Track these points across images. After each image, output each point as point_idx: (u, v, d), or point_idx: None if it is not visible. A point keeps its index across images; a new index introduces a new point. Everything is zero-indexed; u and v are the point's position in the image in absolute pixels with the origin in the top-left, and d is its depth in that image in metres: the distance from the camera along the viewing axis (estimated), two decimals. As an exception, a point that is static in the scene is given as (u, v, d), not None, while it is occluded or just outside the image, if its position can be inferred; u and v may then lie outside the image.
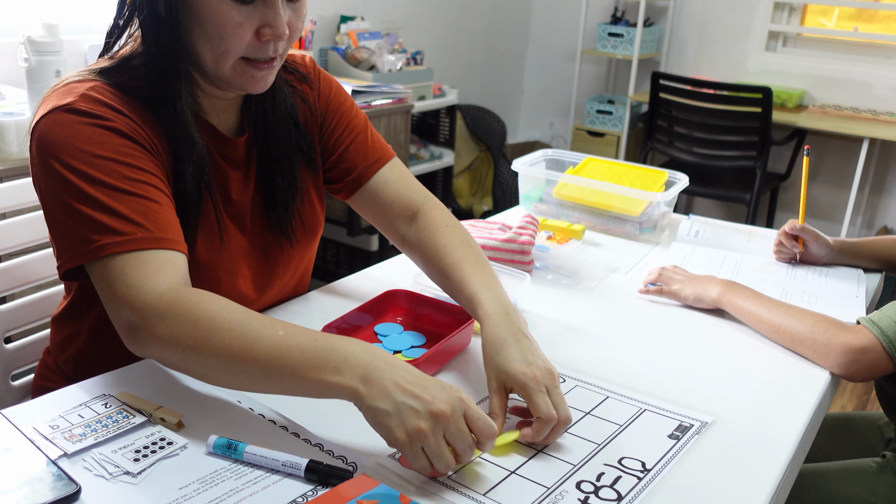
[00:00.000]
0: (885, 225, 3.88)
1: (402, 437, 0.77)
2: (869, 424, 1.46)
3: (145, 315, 0.84)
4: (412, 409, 0.77)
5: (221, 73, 0.96)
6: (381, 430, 0.79)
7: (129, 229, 0.87)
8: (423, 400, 0.77)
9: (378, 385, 0.79)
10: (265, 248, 1.11)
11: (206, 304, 0.85)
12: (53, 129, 0.90)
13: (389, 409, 0.77)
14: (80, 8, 2.37)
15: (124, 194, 0.89)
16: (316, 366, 0.81)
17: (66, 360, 1.13)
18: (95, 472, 0.77)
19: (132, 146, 0.92)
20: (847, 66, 3.81)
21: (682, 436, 0.90)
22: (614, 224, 1.61)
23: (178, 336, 0.83)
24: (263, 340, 0.82)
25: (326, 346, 0.82)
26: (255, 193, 1.10)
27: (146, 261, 0.86)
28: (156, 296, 0.84)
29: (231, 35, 0.92)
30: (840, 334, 1.07)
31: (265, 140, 1.08)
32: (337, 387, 0.80)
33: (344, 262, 3.22)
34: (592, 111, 4.23)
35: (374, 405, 0.78)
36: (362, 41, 3.19)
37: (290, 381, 0.82)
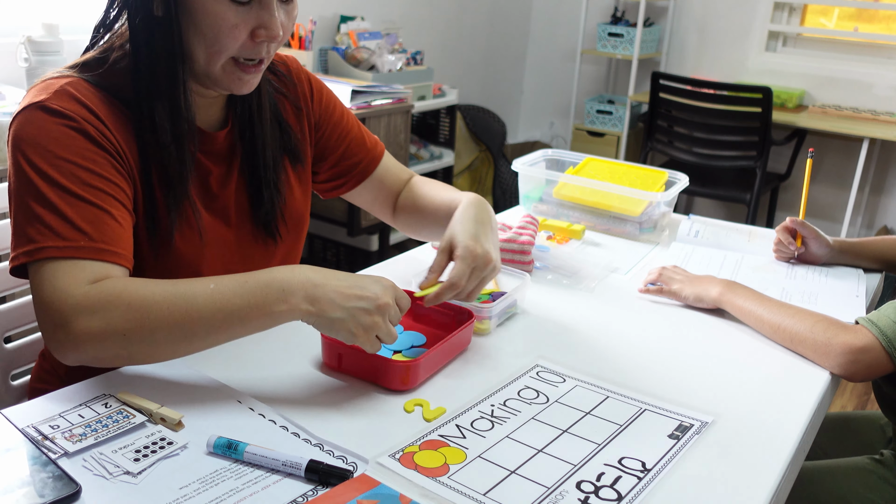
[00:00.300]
0: (885, 225, 3.88)
1: (360, 333, 0.90)
2: (870, 424, 1.46)
3: (73, 314, 0.84)
4: (362, 309, 0.90)
5: (211, 72, 0.98)
6: (339, 334, 0.91)
7: (72, 235, 0.88)
8: (368, 298, 0.91)
9: (324, 299, 0.89)
10: (251, 243, 1.12)
11: (131, 287, 0.87)
12: (25, 126, 0.92)
13: (343, 316, 0.89)
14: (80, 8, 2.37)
15: (78, 200, 0.90)
16: (258, 304, 0.88)
17: (59, 363, 1.12)
18: (95, 472, 0.77)
19: (97, 151, 0.93)
20: (847, 66, 3.81)
21: (682, 436, 0.90)
22: (614, 224, 1.61)
23: (114, 324, 0.85)
24: (200, 299, 0.87)
25: (260, 282, 0.89)
26: (239, 188, 1.10)
27: (81, 269, 0.87)
28: (81, 295, 0.85)
29: (227, 35, 0.94)
30: (840, 334, 1.07)
31: (251, 136, 1.10)
32: (287, 313, 0.89)
33: (344, 262, 3.22)
34: (592, 111, 4.23)
35: (329, 316, 0.89)
36: (362, 41, 3.19)
37: (238, 325, 0.88)
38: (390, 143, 2.84)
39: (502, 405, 0.95)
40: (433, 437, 0.87)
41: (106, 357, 0.87)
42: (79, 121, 0.92)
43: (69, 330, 0.84)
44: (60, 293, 0.85)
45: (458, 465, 0.82)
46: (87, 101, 0.94)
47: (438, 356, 1.01)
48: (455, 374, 1.02)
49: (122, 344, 0.85)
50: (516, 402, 0.96)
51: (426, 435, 0.87)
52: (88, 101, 0.94)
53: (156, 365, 0.97)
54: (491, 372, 1.03)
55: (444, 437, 0.87)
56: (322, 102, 1.22)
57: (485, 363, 1.06)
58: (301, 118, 1.18)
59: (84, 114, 0.93)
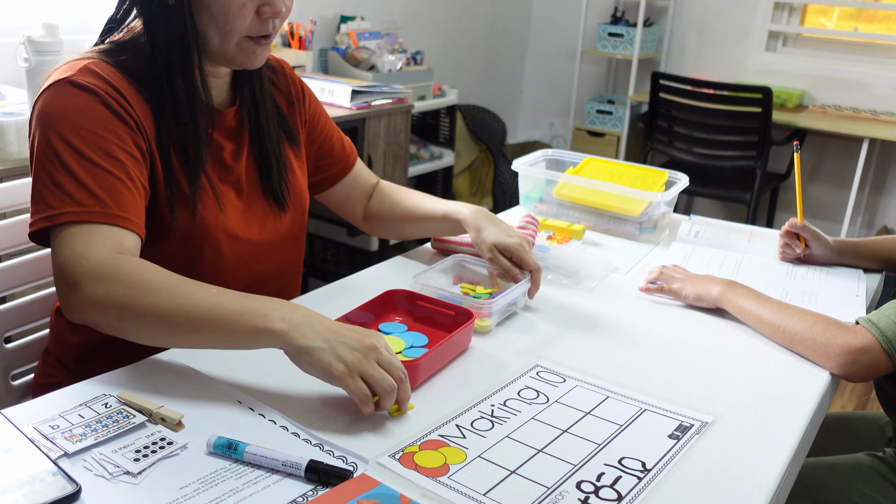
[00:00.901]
0: (885, 225, 3.88)
1: (340, 368, 0.85)
2: (869, 424, 1.46)
3: (84, 278, 0.90)
4: (345, 343, 0.86)
5: (227, 50, 1.04)
6: (315, 367, 0.86)
7: (89, 202, 0.94)
8: (352, 336, 0.87)
9: (306, 328, 0.87)
10: (262, 214, 1.18)
11: (143, 268, 0.91)
12: (51, 100, 0.98)
13: (324, 346, 0.86)
14: (80, 8, 2.37)
15: (97, 167, 0.95)
16: (246, 315, 0.88)
17: (68, 352, 1.15)
18: (95, 472, 0.77)
19: (118, 123, 0.99)
20: (847, 66, 3.81)
21: (682, 436, 0.90)
22: (614, 224, 1.61)
23: (114, 296, 0.89)
24: (197, 296, 0.89)
25: (256, 300, 0.90)
26: (249, 163, 1.17)
27: (97, 233, 0.93)
28: (96, 261, 0.91)
29: (235, 15, 1.01)
30: (839, 334, 1.07)
31: (256, 114, 1.17)
32: (267, 331, 0.87)
33: (344, 262, 3.22)
34: (592, 111, 4.23)
35: (305, 344, 0.86)
36: (362, 41, 3.19)
37: (222, 331, 0.89)
38: (390, 143, 2.84)
39: (502, 405, 0.95)
40: (433, 436, 0.87)
41: (102, 324, 0.92)
42: (102, 94, 0.99)
43: (78, 291, 0.90)
44: (77, 256, 0.91)
45: (458, 465, 0.82)
46: (109, 78, 1.01)
47: (438, 356, 1.01)
48: (455, 373, 1.02)
49: (117, 316, 0.90)
50: (516, 402, 0.96)
51: (426, 435, 0.87)
52: (111, 78, 1.01)
53: (156, 365, 0.97)
54: (491, 372, 1.03)
55: (444, 437, 0.87)
56: (311, 105, 1.30)
57: (485, 363, 1.06)
58: (293, 111, 1.26)
59: (107, 88, 0.99)
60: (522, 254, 1.20)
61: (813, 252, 1.43)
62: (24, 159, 1.80)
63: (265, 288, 1.19)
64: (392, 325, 1.12)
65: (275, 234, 1.20)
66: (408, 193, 1.38)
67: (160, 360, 0.99)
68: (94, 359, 1.08)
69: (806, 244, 1.43)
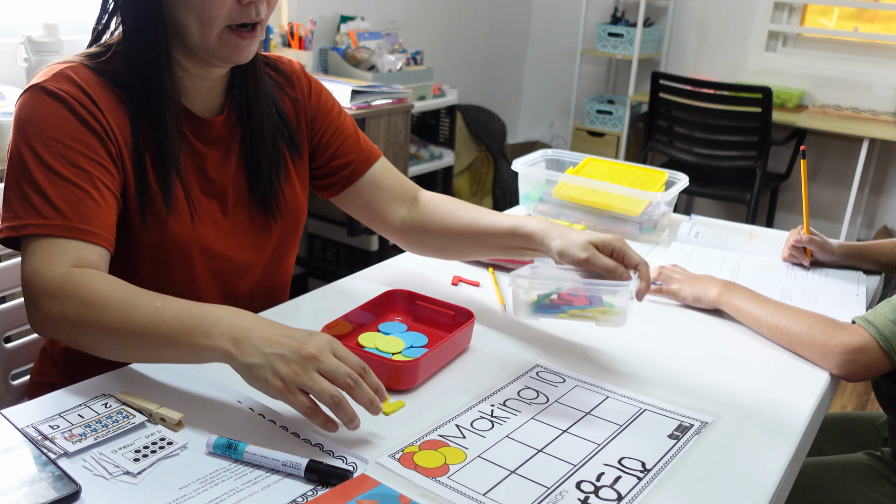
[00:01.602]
0: (885, 225, 3.88)
1: (277, 384, 0.82)
2: (866, 424, 1.46)
3: (40, 294, 0.90)
4: (281, 356, 0.82)
5: (208, 43, 1.00)
6: (258, 384, 0.84)
7: (50, 214, 0.93)
8: (290, 346, 0.83)
9: (246, 343, 0.84)
10: (247, 228, 1.14)
11: (93, 282, 0.90)
12: (23, 106, 0.98)
13: (261, 362, 0.83)
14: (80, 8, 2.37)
15: (61, 179, 0.94)
16: (188, 331, 0.86)
17: (57, 353, 1.15)
18: (95, 472, 0.77)
19: (86, 133, 0.97)
20: (847, 66, 3.81)
21: (681, 436, 0.90)
22: (614, 224, 1.61)
23: (66, 313, 0.89)
24: (141, 312, 0.87)
25: (198, 313, 0.87)
26: (238, 174, 1.13)
27: (55, 247, 0.92)
28: (50, 277, 0.90)
29: (213, 2, 0.96)
30: (837, 334, 1.07)
31: (249, 118, 1.12)
32: (209, 349, 0.85)
33: (344, 262, 3.22)
34: (592, 111, 4.23)
35: (245, 361, 0.83)
36: (362, 41, 3.19)
37: (167, 348, 0.87)
38: (390, 144, 2.84)
39: (502, 405, 0.95)
40: (433, 437, 0.87)
41: (61, 340, 0.95)
42: (71, 102, 0.97)
43: (36, 308, 0.91)
44: (35, 273, 0.91)
45: (457, 465, 0.82)
46: (83, 85, 0.99)
47: (438, 356, 1.01)
48: (455, 373, 1.02)
49: (72, 333, 0.90)
50: (516, 402, 0.96)
51: (426, 435, 0.87)
52: (86, 84, 0.99)
53: (156, 365, 0.97)
54: (491, 372, 1.03)
55: (443, 437, 0.87)
56: (320, 99, 1.23)
57: (485, 363, 1.06)
58: (298, 113, 1.20)
59: (79, 96, 0.98)
60: (624, 247, 1.05)
61: (819, 259, 1.43)
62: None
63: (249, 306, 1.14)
64: (392, 325, 1.12)
65: (259, 249, 1.15)
66: (461, 205, 1.23)
67: (160, 360, 0.99)
68: (81, 362, 1.07)
69: (812, 254, 1.43)
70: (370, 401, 0.83)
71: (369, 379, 0.85)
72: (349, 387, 0.82)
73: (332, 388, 0.81)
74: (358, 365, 0.85)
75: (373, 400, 0.83)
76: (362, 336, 1.07)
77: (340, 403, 0.81)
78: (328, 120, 1.23)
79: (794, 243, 1.42)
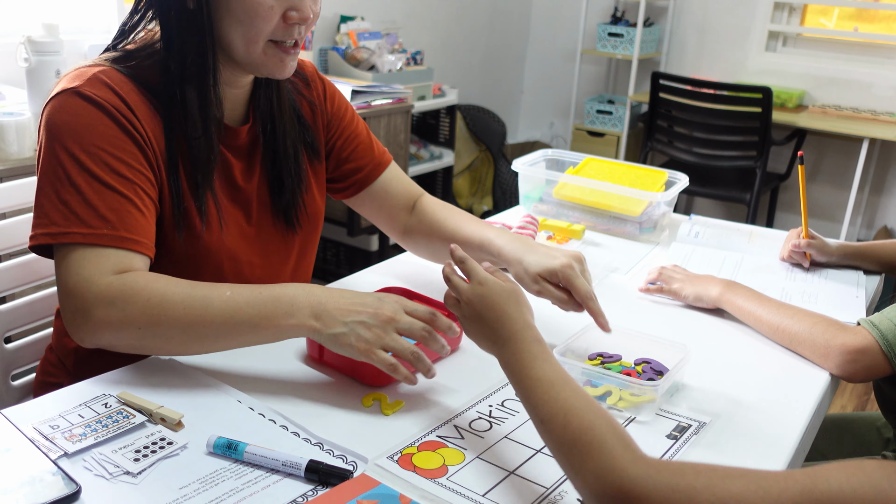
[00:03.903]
0: (885, 225, 3.88)
1: (363, 347, 0.90)
2: (868, 425, 1.46)
3: (94, 303, 0.89)
4: (361, 322, 0.91)
5: (253, 57, 1.01)
6: (343, 349, 0.91)
7: (96, 223, 0.92)
8: (367, 313, 0.91)
9: (327, 315, 0.91)
10: (270, 235, 1.15)
11: (152, 283, 0.91)
12: (59, 112, 0.96)
13: (345, 331, 0.91)
14: (80, 8, 2.37)
15: (105, 187, 0.94)
16: (268, 315, 0.91)
17: (67, 354, 1.15)
18: (95, 472, 0.77)
19: (126, 140, 0.96)
20: (847, 66, 3.81)
21: (680, 436, 0.90)
22: (614, 224, 1.61)
23: (132, 317, 0.89)
24: (216, 303, 0.91)
25: (272, 295, 0.92)
26: (261, 182, 1.14)
27: (105, 257, 0.92)
28: (104, 285, 0.90)
29: (262, 18, 0.98)
30: (839, 335, 1.07)
31: (272, 129, 1.13)
32: (294, 327, 0.92)
33: (344, 262, 3.22)
34: (592, 111, 4.23)
35: (331, 332, 0.91)
36: (362, 41, 3.19)
37: (249, 333, 0.92)
38: (390, 143, 2.84)
39: (500, 405, 0.95)
40: (431, 438, 0.87)
41: (121, 346, 0.93)
42: (110, 109, 0.96)
43: (89, 317, 0.89)
44: (84, 281, 0.90)
45: (456, 465, 0.83)
46: (118, 90, 0.98)
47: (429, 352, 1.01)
48: (453, 374, 1.02)
49: (137, 336, 0.90)
50: (514, 403, 0.96)
51: (424, 436, 0.88)
52: (120, 89, 0.98)
53: (156, 365, 0.98)
54: (489, 372, 1.03)
55: (442, 438, 0.87)
56: (335, 104, 1.24)
57: (483, 363, 1.05)
58: (315, 116, 1.21)
59: (115, 101, 0.97)
60: (571, 277, 1.04)
61: (817, 260, 1.43)
62: (25, 159, 1.80)
63: None
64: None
65: (282, 256, 1.17)
66: (449, 213, 1.26)
67: (160, 360, 0.99)
68: (91, 362, 1.06)
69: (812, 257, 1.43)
70: (440, 348, 0.94)
71: (440, 322, 0.94)
72: (424, 339, 0.92)
73: (411, 346, 0.91)
74: (428, 313, 0.94)
75: (443, 345, 0.94)
76: None
77: (420, 358, 0.91)
78: (342, 125, 1.24)
79: (794, 248, 1.42)
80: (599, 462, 0.66)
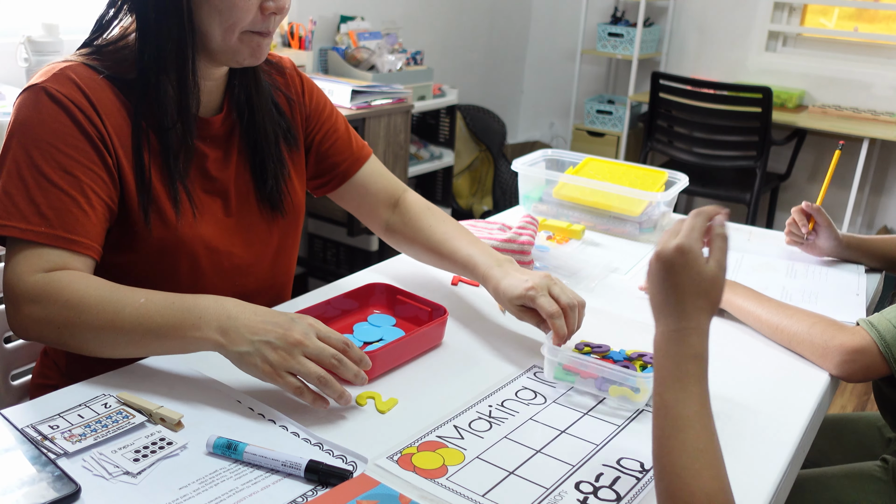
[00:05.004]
0: (885, 225, 3.88)
1: (267, 369, 0.87)
2: (868, 425, 1.46)
3: (21, 300, 0.92)
4: (268, 343, 0.87)
5: (229, 45, 1.02)
6: (247, 369, 0.89)
7: (35, 220, 0.94)
8: (275, 333, 0.88)
9: (234, 332, 0.88)
10: (251, 223, 1.15)
11: (74, 284, 0.92)
12: (22, 107, 0.98)
13: (250, 350, 0.87)
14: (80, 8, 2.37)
15: (51, 185, 0.95)
16: (175, 325, 0.89)
17: (59, 355, 1.15)
18: (95, 472, 0.78)
19: (82, 139, 0.97)
20: (847, 66, 3.81)
21: (681, 436, 0.90)
22: (614, 224, 1.61)
23: (51, 316, 0.91)
24: (127, 310, 0.90)
25: (183, 306, 0.91)
26: (239, 171, 1.14)
27: (39, 255, 0.93)
28: (31, 283, 0.92)
29: (240, 8, 0.98)
30: (837, 335, 1.07)
31: (251, 116, 1.13)
32: (199, 340, 0.89)
33: (344, 262, 3.22)
34: (592, 111, 4.23)
35: (236, 350, 0.88)
36: (362, 41, 3.19)
37: (156, 342, 0.91)
38: (390, 143, 2.84)
39: (500, 406, 0.95)
40: (431, 438, 0.87)
41: (47, 342, 0.96)
42: (70, 106, 0.97)
43: (16, 312, 0.93)
44: (15, 276, 0.93)
45: (456, 466, 0.83)
46: (84, 87, 0.98)
47: (398, 351, 1.01)
48: (452, 374, 1.02)
49: (57, 335, 0.92)
50: (514, 403, 0.96)
51: (424, 436, 0.88)
52: (86, 86, 0.98)
53: (156, 365, 0.98)
54: (488, 372, 1.03)
55: (441, 439, 0.87)
56: (313, 99, 1.25)
57: (482, 364, 1.06)
58: (293, 110, 1.22)
59: (79, 100, 0.97)
60: (534, 297, 1.02)
61: (819, 242, 1.43)
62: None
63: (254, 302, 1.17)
64: (381, 318, 1.14)
65: (264, 245, 1.16)
66: (435, 222, 1.24)
67: (160, 360, 0.99)
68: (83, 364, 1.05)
69: (815, 230, 1.43)
70: (355, 375, 0.89)
71: (352, 353, 0.90)
72: (334, 366, 0.88)
73: (317, 370, 0.87)
74: (340, 342, 0.90)
75: (357, 374, 0.89)
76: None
77: (327, 383, 0.87)
78: (321, 120, 1.25)
79: (805, 206, 1.42)
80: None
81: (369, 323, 1.13)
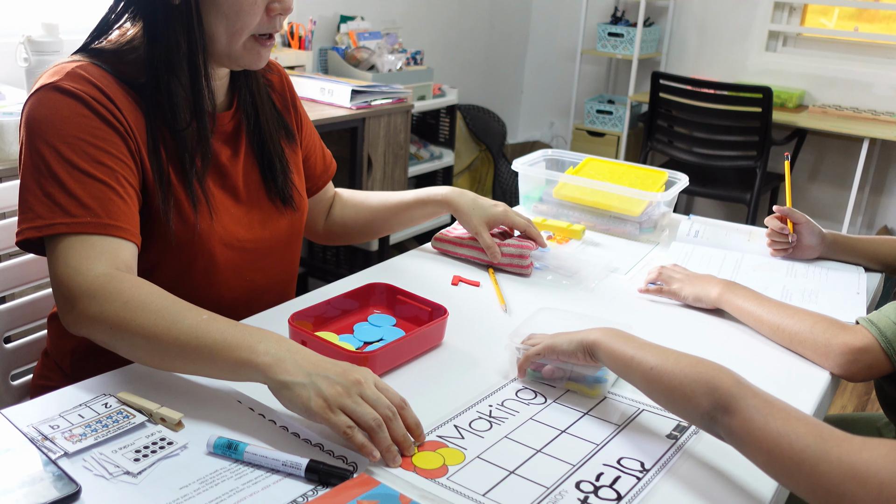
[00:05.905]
0: (885, 225, 3.88)
1: (319, 403, 0.80)
2: (869, 425, 1.46)
3: (79, 294, 0.90)
4: (325, 377, 0.82)
5: (233, 50, 1.04)
6: (297, 404, 0.82)
7: (79, 212, 0.93)
8: (335, 370, 0.83)
9: (291, 363, 0.83)
10: (261, 218, 1.17)
11: (137, 288, 0.91)
12: (38, 107, 0.96)
13: (304, 381, 0.82)
14: (80, 8, 2.37)
15: (87, 176, 0.94)
16: (232, 346, 0.85)
17: (63, 356, 1.15)
18: (95, 472, 0.78)
19: (107, 130, 0.97)
20: (847, 66, 3.81)
21: (680, 436, 0.91)
22: (614, 224, 1.61)
23: (106, 315, 0.89)
24: (187, 321, 0.88)
25: (246, 329, 0.87)
26: (248, 165, 1.16)
27: (90, 245, 0.92)
28: (91, 277, 0.90)
29: (247, 13, 1.00)
30: (839, 334, 1.07)
31: (255, 113, 1.16)
32: (250, 364, 0.84)
33: (344, 262, 3.22)
34: (592, 111, 4.23)
35: (286, 379, 0.82)
36: (362, 41, 3.19)
37: (206, 359, 0.86)
38: (390, 143, 2.84)
39: (500, 405, 0.95)
40: (431, 437, 0.87)
41: (96, 340, 0.92)
42: (89, 100, 0.96)
43: (73, 307, 0.90)
44: (73, 271, 0.91)
45: (456, 465, 0.83)
46: (98, 83, 0.98)
47: (398, 351, 1.01)
48: (452, 374, 1.02)
49: (109, 335, 0.90)
50: (514, 403, 0.96)
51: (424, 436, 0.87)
52: (100, 82, 0.99)
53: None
54: (488, 372, 1.03)
55: (442, 438, 0.87)
56: (299, 111, 1.29)
57: (482, 364, 1.06)
58: (288, 114, 1.25)
59: (95, 93, 0.97)
60: (513, 217, 1.34)
61: (804, 241, 1.42)
62: (25, 159, 1.79)
63: (261, 298, 1.18)
64: (381, 318, 1.14)
65: (272, 238, 1.18)
66: (369, 193, 1.40)
67: (160, 361, 0.99)
68: (88, 364, 1.06)
69: (795, 230, 1.42)
70: (404, 436, 0.82)
71: (408, 414, 0.84)
72: (388, 418, 0.81)
73: (373, 412, 0.81)
74: (398, 398, 0.85)
75: (406, 437, 0.82)
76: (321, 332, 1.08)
77: (381, 428, 0.80)
78: (305, 131, 1.30)
79: (777, 210, 1.42)
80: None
81: (369, 323, 1.13)
